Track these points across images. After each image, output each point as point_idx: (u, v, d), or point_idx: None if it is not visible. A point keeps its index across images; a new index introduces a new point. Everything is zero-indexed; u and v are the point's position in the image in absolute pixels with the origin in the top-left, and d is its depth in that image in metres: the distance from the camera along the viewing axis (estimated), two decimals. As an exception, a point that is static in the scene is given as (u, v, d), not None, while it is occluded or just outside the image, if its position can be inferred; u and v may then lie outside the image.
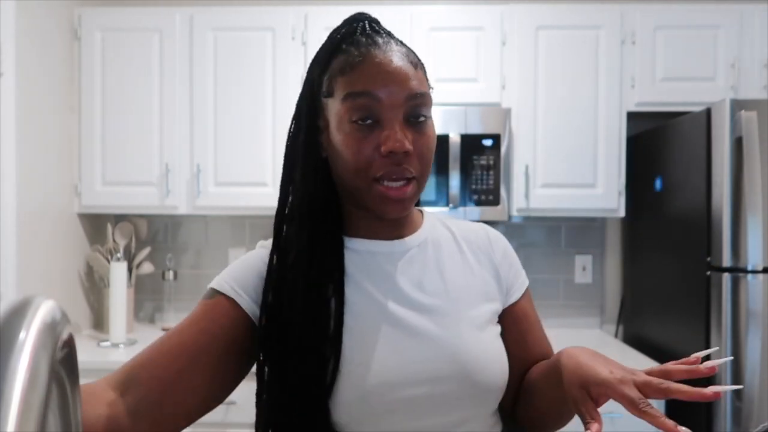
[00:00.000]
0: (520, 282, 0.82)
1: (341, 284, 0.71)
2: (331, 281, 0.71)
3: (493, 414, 0.77)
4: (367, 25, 0.73)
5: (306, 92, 0.74)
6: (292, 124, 0.76)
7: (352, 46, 0.70)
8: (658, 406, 1.83)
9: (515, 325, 0.80)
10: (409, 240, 0.78)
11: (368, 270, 0.74)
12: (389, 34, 0.74)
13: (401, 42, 0.74)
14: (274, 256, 0.72)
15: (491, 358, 0.73)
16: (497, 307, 0.79)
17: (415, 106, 0.69)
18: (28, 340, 0.32)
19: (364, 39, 0.71)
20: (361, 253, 0.75)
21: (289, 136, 0.76)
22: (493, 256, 0.81)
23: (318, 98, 0.73)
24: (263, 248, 0.77)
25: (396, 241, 0.77)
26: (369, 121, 0.68)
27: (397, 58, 0.70)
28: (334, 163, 0.73)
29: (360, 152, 0.68)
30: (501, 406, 0.81)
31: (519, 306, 0.81)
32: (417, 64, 0.72)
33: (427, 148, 0.71)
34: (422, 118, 0.70)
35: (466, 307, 0.75)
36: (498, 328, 0.78)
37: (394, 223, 0.77)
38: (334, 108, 0.71)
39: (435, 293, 0.75)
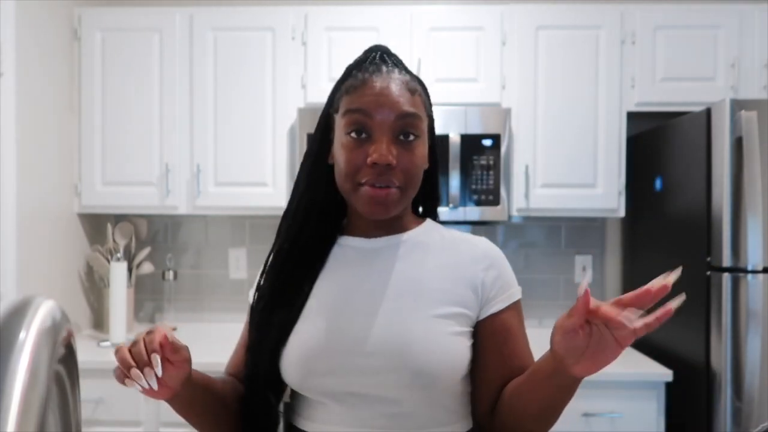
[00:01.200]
0: (506, 295, 0.84)
1: (317, 274, 0.86)
2: (308, 270, 0.86)
3: (449, 411, 0.82)
4: (377, 56, 0.85)
5: (324, 110, 0.88)
6: (309, 142, 0.91)
7: (359, 71, 0.83)
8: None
9: (493, 336, 0.83)
10: (391, 238, 0.87)
11: (346, 261, 0.87)
12: (397, 64, 0.85)
13: (408, 71, 0.85)
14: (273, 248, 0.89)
15: (432, 345, 0.78)
16: (467, 313, 0.83)
17: (404, 125, 0.80)
18: (28, 340, 0.32)
19: (371, 67, 0.83)
20: (345, 248, 0.88)
21: (308, 144, 0.90)
22: (477, 268, 0.85)
23: (331, 115, 0.86)
24: None
25: (378, 239, 0.87)
26: (363, 135, 0.80)
27: (394, 84, 0.81)
28: (335, 170, 0.84)
29: (351, 160, 0.80)
30: (477, 418, 0.86)
31: (499, 317, 0.83)
32: (415, 91, 0.83)
33: (412, 163, 0.81)
34: (411, 137, 0.81)
35: (424, 300, 0.82)
36: (460, 329, 0.81)
37: (385, 224, 0.87)
38: (338, 122, 0.83)
39: (397, 284, 0.83)
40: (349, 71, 0.85)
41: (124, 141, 2.19)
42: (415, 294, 0.82)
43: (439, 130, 2.04)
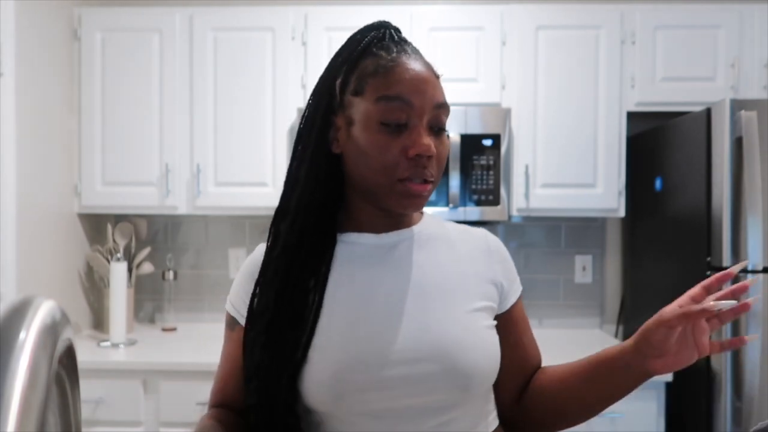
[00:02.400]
0: (515, 288, 0.85)
1: (325, 278, 0.75)
2: (314, 275, 0.75)
3: (483, 409, 0.78)
4: (394, 33, 0.77)
5: (324, 90, 0.77)
6: (302, 121, 0.79)
7: (382, 50, 0.74)
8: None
9: (513, 328, 0.83)
10: (403, 232, 0.80)
11: (358, 260, 0.77)
12: (412, 45, 0.78)
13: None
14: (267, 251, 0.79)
15: (475, 342, 0.74)
16: (493, 306, 0.80)
17: (438, 115, 0.74)
18: (28, 340, 0.32)
19: (393, 45, 0.75)
20: (353, 245, 0.79)
21: (300, 133, 0.79)
22: (492, 260, 0.83)
23: (338, 96, 0.76)
24: (258, 252, 0.82)
25: (389, 233, 0.80)
26: (399, 124, 0.72)
27: (426, 68, 0.74)
28: (353, 160, 0.75)
29: (388, 152, 0.71)
30: (501, 411, 0.83)
31: (515, 310, 0.84)
32: (438, 76, 0.76)
33: (444, 156, 0.75)
34: (441, 129, 0.75)
35: (455, 295, 0.77)
36: (491, 322, 0.79)
37: (393, 219, 0.80)
38: (362, 107, 0.73)
39: (422, 280, 0.77)
40: (366, 47, 0.75)
41: (124, 141, 2.19)
42: (444, 289, 0.77)
43: (439, 130, 2.05)
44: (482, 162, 2.05)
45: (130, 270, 2.28)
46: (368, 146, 0.72)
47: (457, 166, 2.05)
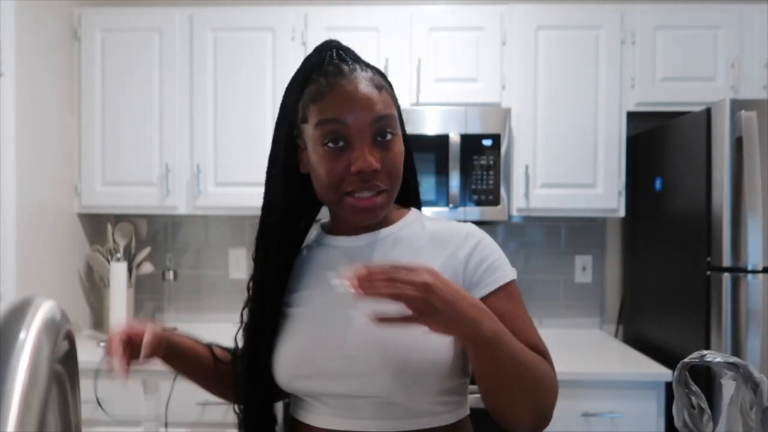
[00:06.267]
0: (492, 279, 0.82)
1: (296, 281, 0.88)
2: (285, 276, 0.88)
3: (438, 401, 0.79)
4: (335, 54, 0.81)
5: (283, 117, 0.85)
6: (272, 148, 0.87)
7: (321, 75, 0.79)
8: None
9: None
10: (375, 234, 0.86)
11: (331, 264, 0.85)
12: (355, 60, 0.82)
13: (367, 66, 0.82)
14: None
15: (416, 341, 0.75)
16: None
17: (380, 127, 0.78)
18: (28, 340, 0.32)
19: (331, 68, 0.79)
20: (329, 248, 0.88)
21: (269, 159, 0.86)
22: (458, 252, 0.83)
23: (295, 123, 0.83)
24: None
25: (361, 236, 0.86)
26: (340, 144, 0.77)
27: (362, 85, 0.78)
28: (313, 179, 0.83)
29: (332, 171, 0.78)
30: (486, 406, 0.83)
31: (490, 301, 0.79)
32: (382, 87, 0.80)
33: (394, 163, 0.80)
34: (389, 136, 0.79)
35: None
36: None
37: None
38: (308, 132, 0.81)
39: None
40: (308, 75, 0.81)
41: (124, 141, 2.19)
42: None
43: (439, 130, 2.05)
44: (482, 162, 2.05)
45: (130, 270, 2.28)
46: (317, 167, 0.79)
47: (457, 166, 2.05)
